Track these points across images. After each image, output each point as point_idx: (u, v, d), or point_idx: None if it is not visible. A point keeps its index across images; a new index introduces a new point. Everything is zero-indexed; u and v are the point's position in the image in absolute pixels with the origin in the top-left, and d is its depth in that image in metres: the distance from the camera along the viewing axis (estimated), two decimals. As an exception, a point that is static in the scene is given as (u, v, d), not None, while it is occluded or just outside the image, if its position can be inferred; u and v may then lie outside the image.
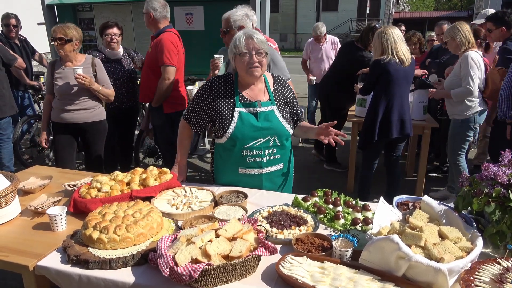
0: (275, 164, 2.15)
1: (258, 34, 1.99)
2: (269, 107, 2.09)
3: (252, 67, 1.97)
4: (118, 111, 3.92)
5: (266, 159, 2.10)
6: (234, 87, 2.09)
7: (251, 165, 2.10)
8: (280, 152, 2.14)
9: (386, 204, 1.63)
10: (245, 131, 2.02)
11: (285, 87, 2.22)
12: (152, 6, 3.47)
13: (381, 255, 1.32)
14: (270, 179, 2.17)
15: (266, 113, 2.07)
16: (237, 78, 2.10)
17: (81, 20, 5.67)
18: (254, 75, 2.00)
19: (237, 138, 2.03)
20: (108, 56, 3.82)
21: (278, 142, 2.10)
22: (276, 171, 2.17)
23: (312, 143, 6.21)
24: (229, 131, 2.02)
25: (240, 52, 1.96)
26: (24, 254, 1.51)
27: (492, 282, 1.23)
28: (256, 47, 1.95)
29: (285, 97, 2.19)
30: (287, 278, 1.30)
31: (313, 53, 6.01)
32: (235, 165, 2.12)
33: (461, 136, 3.69)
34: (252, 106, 2.06)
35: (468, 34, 3.50)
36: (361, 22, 26.78)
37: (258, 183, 2.14)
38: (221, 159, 2.18)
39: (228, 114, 2.04)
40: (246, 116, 2.04)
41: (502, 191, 1.41)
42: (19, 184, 1.95)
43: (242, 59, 1.97)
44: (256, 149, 2.06)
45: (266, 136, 2.06)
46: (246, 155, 2.07)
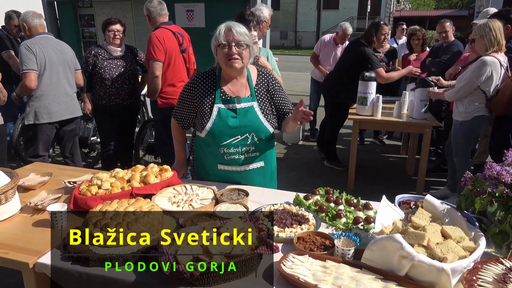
0: (254, 162, 2.13)
1: (239, 27, 1.97)
2: (249, 103, 2.06)
3: (231, 58, 1.95)
4: (119, 108, 3.92)
5: (244, 157, 2.08)
6: (216, 82, 2.08)
7: (229, 162, 2.09)
8: (260, 150, 2.12)
9: (388, 203, 1.62)
10: (222, 128, 2.01)
11: (270, 80, 2.16)
12: (147, 8, 3.66)
13: (383, 254, 1.31)
14: (249, 177, 2.14)
15: (246, 110, 2.05)
16: (220, 73, 2.09)
17: (81, 17, 5.65)
18: (233, 67, 1.97)
19: (214, 135, 2.03)
20: (110, 53, 3.81)
21: (257, 139, 2.07)
22: (256, 169, 2.15)
23: (313, 141, 6.22)
24: (207, 127, 2.02)
25: (220, 43, 1.95)
26: (24, 251, 1.50)
27: (495, 282, 1.22)
28: (235, 38, 1.94)
29: (269, 90, 2.14)
30: (289, 276, 1.29)
31: (323, 52, 5.87)
32: (215, 161, 2.12)
33: (461, 137, 3.67)
34: (232, 102, 2.04)
35: (500, 35, 3.26)
36: (361, 21, 26.74)
37: (237, 180, 2.13)
38: (202, 152, 2.18)
39: (207, 110, 2.04)
40: (225, 113, 2.02)
41: (506, 191, 1.40)
42: (19, 181, 1.94)
43: (222, 50, 1.96)
44: (233, 146, 2.05)
45: (244, 134, 2.04)
46: (224, 152, 2.06)
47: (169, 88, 3.67)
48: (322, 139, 5.33)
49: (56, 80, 3.49)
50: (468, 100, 3.51)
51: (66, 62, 3.58)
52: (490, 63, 3.28)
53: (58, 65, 3.49)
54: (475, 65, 3.37)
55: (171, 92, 3.66)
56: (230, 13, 3.52)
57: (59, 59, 3.51)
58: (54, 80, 3.48)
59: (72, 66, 3.66)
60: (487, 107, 3.48)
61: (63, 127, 3.67)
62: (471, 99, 3.49)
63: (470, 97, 3.49)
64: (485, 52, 3.34)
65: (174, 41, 3.63)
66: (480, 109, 3.49)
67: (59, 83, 3.52)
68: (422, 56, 5.26)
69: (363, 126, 4.44)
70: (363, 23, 25.52)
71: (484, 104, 3.47)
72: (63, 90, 3.56)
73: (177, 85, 3.67)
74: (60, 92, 3.53)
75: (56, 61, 3.48)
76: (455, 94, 3.53)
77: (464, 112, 3.55)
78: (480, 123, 3.59)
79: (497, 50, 3.32)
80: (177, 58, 3.68)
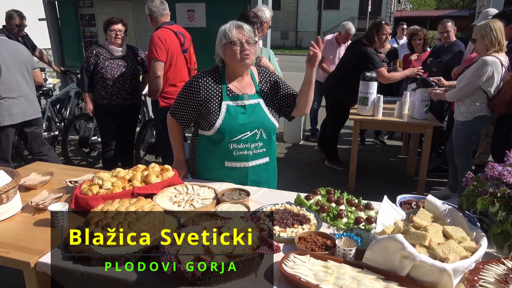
0: (261, 158, 2.16)
1: (246, 25, 2.02)
2: (256, 100, 2.10)
3: (244, 55, 1.99)
4: (120, 108, 3.92)
5: (252, 153, 2.11)
6: (221, 80, 2.09)
7: (237, 158, 2.10)
8: (266, 145, 2.16)
9: (389, 203, 1.62)
10: (233, 124, 2.03)
11: (269, 75, 2.22)
12: (149, 7, 3.65)
13: (385, 254, 1.31)
14: (255, 173, 2.17)
15: (254, 106, 2.08)
16: (223, 70, 2.10)
17: (82, 16, 5.65)
18: (246, 64, 2.02)
19: (225, 131, 2.03)
20: (111, 53, 3.81)
21: (265, 135, 2.12)
22: (262, 164, 2.18)
23: (314, 141, 6.22)
24: (217, 124, 2.03)
25: (231, 41, 1.97)
26: (25, 251, 1.50)
27: (496, 282, 1.22)
28: (246, 36, 1.98)
29: (271, 86, 2.18)
30: (290, 276, 1.29)
31: (327, 52, 5.84)
32: (221, 158, 2.12)
33: (462, 137, 3.66)
34: (240, 99, 2.07)
35: (501, 35, 3.25)
36: (362, 21, 26.71)
37: (244, 176, 2.15)
38: (207, 150, 2.17)
39: (215, 108, 2.05)
40: (234, 109, 2.04)
41: (507, 191, 1.40)
42: (20, 180, 1.94)
43: (233, 48, 1.98)
44: (243, 142, 2.07)
45: (253, 130, 2.07)
46: (233, 148, 2.08)
47: (170, 88, 3.68)
48: (323, 139, 5.33)
49: (15, 82, 3.42)
50: (469, 100, 3.50)
51: (22, 62, 3.50)
52: (491, 63, 3.28)
53: (13, 66, 3.41)
54: (476, 65, 3.37)
55: (172, 92, 3.66)
56: (231, 13, 3.52)
57: (14, 60, 3.42)
58: (12, 82, 3.40)
59: (29, 65, 3.59)
60: (489, 107, 3.47)
61: (25, 128, 3.61)
62: (472, 99, 3.49)
63: (472, 97, 3.48)
64: (486, 52, 3.34)
65: (175, 41, 3.63)
66: (481, 109, 3.48)
67: (17, 84, 3.45)
68: (423, 56, 5.25)
69: (364, 126, 4.44)
70: (364, 23, 25.49)
71: (485, 104, 3.47)
72: (22, 91, 3.49)
73: (179, 85, 3.67)
74: (20, 94, 3.46)
75: (11, 63, 3.39)
76: (456, 94, 3.52)
77: (465, 112, 3.54)
78: (482, 123, 3.58)
79: (498, 50, 3.31)
80: (178, 58, 3.69)
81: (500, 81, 3.36)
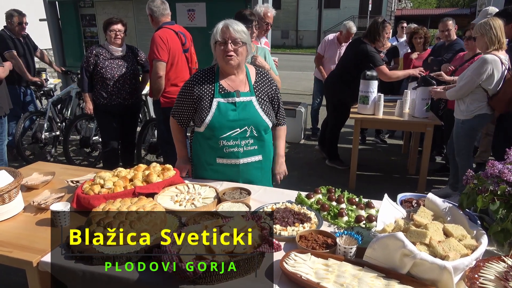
0: (252, 155, 2.16)
1: (236, 25, 2.02)
2: (248, 97, 2.11)
3: (227, 55, 2.00)
4: (121, 107, 3.93)
5: (243, 150, 2.12)
6: (215, 77, 2.12)
7: (228, 155, 2.12)
8: (258, 143, 2.16)
9: (390, 202, 1.62)
10: (222, 121, 2.05)
11: (268, 82, 2.23)
12: (150, 7, 3.65)
13: (385, 252, 1.32)
14: (247, 171, 2.18)
15: (245, 103, 2.09)
16: (218, 69, 2.13)
17: (83, 17, 5.66)
18: (229, 64, 2.03)
19: (214, 128, 2.06)
20: (111, 53, 3.82)
21: (256, 133, 2.12)
22: (254, 162, 2.18)
23: (314, 140, 6.22)
24: (207, 120, 2.06)
25: (217, 40, 2.01)
26: (28, 250, 1.51)
27: (497, 280, 1.23)
28: (232, 36, 1.99)
29: (267, 91, 2.20)
30: (291, 275, 1.30)
31: (328, 52, 5.84)
32: (214, 154, 2.14)
33: (463, 136, 3.66)
34: (231, 96, 2.08)
35: (500, 33, 3.26)
36: (363, 20, 26.67)
37: (236, 173, 2.16)
38: (200, 147, 2.20)
39: (207, 105, 2.07)
40: (224, 106, 2.06)
41: (508, 189, 1.41)
42: (22, 180, 1.95)
43: (219, 47, 2.02)
44: (233, 139, 2.08)
45: (243, 127, 2.08)
46: (223, 145, 2.09)
47: (172, 87, 3.68)
48: (323, 138, 5.33)
49: None
50: (469, 98, 3.50)
51: None
52: (491, 61, 3.28)
53: None
54: (476, 64, 3.36)
55: (174, 92, 3.66)
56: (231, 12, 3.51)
57: None
58: None
59: None
60: (489, 105, 3.47)
61: None
62: (472, 97, 3.49)
63: (472, 96, 3.48)
64: (486, 50, 3.34)
65: (177, 41, 3.64)
66: (481, 108, 3.48)
67: None
68: (424, 55, 5.26)
69: (364, 125, 4.44)
70: (364, 22, 25.46)
71: (485, 103, 3.46)
72: None
73: (180, 85, 3.67)
74: None
75: None
76: (457, 92, 3.52)
77: (465, 110, 3.54)
78: (482, 121, 3.58)
79: (498, 48, 3.31)
80: (180, 58, 3.69)
81: (500, 79, 3.36)
